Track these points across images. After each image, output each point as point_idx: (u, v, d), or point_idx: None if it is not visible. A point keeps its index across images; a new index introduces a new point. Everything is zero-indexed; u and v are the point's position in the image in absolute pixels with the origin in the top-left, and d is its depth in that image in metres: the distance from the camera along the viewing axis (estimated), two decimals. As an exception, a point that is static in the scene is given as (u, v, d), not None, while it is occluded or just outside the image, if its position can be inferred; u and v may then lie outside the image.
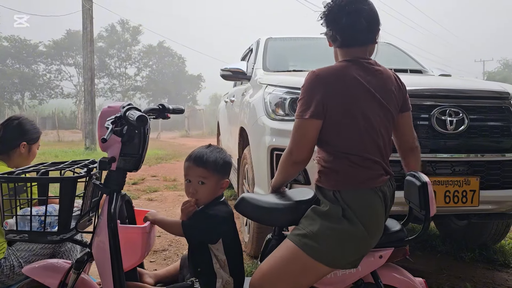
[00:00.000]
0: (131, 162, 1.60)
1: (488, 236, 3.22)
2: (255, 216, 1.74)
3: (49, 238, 1.59)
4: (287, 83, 2.66)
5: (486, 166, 2.36)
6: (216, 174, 1.73)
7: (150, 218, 1.71)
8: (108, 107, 1.64)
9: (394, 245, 1.58)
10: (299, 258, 1.44)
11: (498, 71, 43.38)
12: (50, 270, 1.67)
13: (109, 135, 1.43)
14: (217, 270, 1.66)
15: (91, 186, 1.68)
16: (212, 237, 1.68)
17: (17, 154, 2.23)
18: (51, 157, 11.04)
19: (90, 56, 14.01)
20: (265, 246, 1.73)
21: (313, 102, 1.51)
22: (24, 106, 35.43)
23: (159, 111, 1.70)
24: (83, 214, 1.66)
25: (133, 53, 41.66)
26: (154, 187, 6.24)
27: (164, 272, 1.90)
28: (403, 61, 3.80)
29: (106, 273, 1.56)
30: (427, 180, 1.54)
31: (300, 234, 1.48)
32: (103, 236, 1.57)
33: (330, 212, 1.47)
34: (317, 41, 4.30)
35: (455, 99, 2.37)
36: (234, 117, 4.03)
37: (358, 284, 1.59)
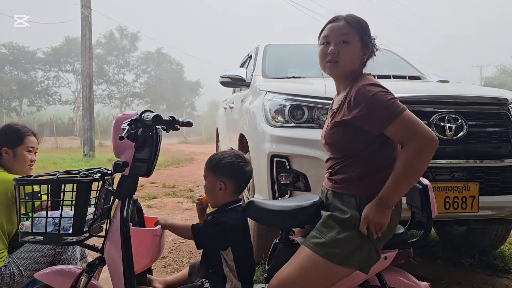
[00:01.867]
0: (144, 168, 1.66)
1: (488, 242, 3.22)
2: (263, 219, 1.79)
3: (64, 240, 1.64)
4: (286, 90, 2.68)
5: (485, 172, 2.37)
6: (211, 173, 1.77)
7: (162, 222, 1.75)
8: (123, 114, 1.70)
9: (398, 247, 1.61)
10: (321, 266, 1.48)
11: (495, 76, 43.56)
12: (62, 275, 1.72)
13: (126, 134, 1.49)
14: (227, 273, 1.69)
15: (103, 191, 1.73)
16: (220, 244, 1.70)
17: (4, 160, 2.20)
18: (49, 164, 11.02)
19: (88, 62, 14.02)
20: (272, 250, 1.75)
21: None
22: (22, 113, 35.42)
23: (169, 123, 1.72)
24: (95, 218, 1.71)
25: (131, 59, 41.81)
26: (153, 194, 6.23)
27: (173, 279, 1.92)
28: (401, 68, 3.82)
29: (118, 276, 1.59)
30: (428, 183, 1.61)
31: (320, 243, 1.50)
32: (115, 240, 1.61)
33: (351, 219, 1.50)
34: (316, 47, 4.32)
35: (454, 105, 2.38)
36: (233, 124, 4.03)
37: (364, 286, 1.62)
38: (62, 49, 36.52)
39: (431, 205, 1.57)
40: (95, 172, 1.73)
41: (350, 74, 1.63)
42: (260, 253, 2.76)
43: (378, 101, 1.46)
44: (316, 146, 2.35)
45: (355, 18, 1.63)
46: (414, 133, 1.42)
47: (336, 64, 1.61)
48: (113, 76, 40.67)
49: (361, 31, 1.61)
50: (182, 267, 3.14)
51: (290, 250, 1.65)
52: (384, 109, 1.45)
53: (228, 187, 1.76)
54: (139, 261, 1.62)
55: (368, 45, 1.62)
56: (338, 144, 1.60)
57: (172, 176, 8.66)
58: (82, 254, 2.25)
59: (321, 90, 2.58)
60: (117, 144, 1.65)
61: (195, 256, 3.36)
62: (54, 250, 2.09)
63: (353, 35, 1.60)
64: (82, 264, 2.23)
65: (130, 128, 1.54)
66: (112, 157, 12.48)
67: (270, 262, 1.73)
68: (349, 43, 1.60)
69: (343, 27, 1.61)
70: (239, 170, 1.77)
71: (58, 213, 1.65)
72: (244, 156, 1.83)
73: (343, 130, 1.56)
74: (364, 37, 1.61)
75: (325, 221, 1.55)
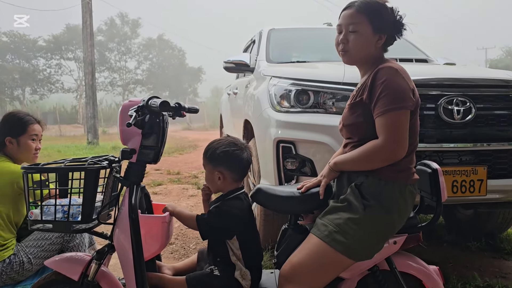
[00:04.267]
0: (151, 154, 1.65)
1: (495, 225, 3.21)
2: (271, 205, 1.78)
3: (73, 227, 1.65)
4: (292, 75, 2.65)
5: (494, 155, 2.35)
6: (208, 163, 1.77)
7: (170, 209, 1.74)
8: (129, 101, 1.69)
9: (408, 232, 1.60)
10: (328, 254, 1.48)
11: (500, 59, 43.07)
12: (72, 262, 1.73)
13: (133, 120, 1.48)
14: (235, 261, 1.69)
15: (111, 179, 1.72)
16: (225, 233, 1.70)
17: (8, 150, 2.20)
18: (54, 152, 11.07)
19: (90, 50, 13.96)
20: (281, 236, 1.75)
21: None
22: (25, 102, 35.44)
23: (175, 109, 1.70)
24: (103, 206, 1.71)
25: (133, 46, 41.56)
26: (158, 181, 6.25)
27: (182, 265, 1.92)
28: (408, 51, 3.77)
29: (127, 263, 1.60)
30: (438, 167, 1.60)
31: (326, 231, 1.50)
32: (124, 227, 1.61)
33: (359, 208, 1.49)
34: (320, 31, 4.27)
35: (462, 88, 2.35)
36: (237, 110, 4.01)
37: (374, 270, 1.61)
38: (63, 37, 36.32)
39: (441, 189, 1.56)
40: (102, 159, 1.72)
41: (368, 60, 1.61)
42: (266, 238, 2.76)
43: (384, 88, 1.47)
44: (322, 131, 2.34)
45: (367, 4, 1.58)
46: (389, 136, 1.45)
47: (346, 53, 1.61)
48: (115, 63, 40.51)
49: (372, 17, 1.57)
50: (189, 253, 3.16)
51: (299, 235, 1.65)
52: (384, 99, 1.46)
53: (227, 176, 1.74)
54: (148, 247, 1.62)
55: (382, 30, 1.58)
56: (355, 126, 1.58)
57: (177, 163, 8.67)
58: (90, 242, 2.26)
59: (326, 75, 2.55)
60: (124, 131, 1.64)
61: (202, 242, 3.37)
62: (62, 238, 2.11)
63: (362, 23, 1.57)
64: (91, 251, 2.24)
65: (137, 114, 1.53)
66: (116, 145, 12.56)
67: (279, 247, 1.73)
68: (358, 32, 1.57)
69: (352, 15, 1.59)
70: (235, 159, 1.74)
71: (66, 201, 1.65)
72: (240, 143, 1.79)
73: (360, 112, 1.55)
74: (376, 23, 1.57)
75: (333, 209, 1.55)
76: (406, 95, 1.46)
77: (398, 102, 1.45)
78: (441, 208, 1.59)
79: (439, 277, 1.66)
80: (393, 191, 1.50)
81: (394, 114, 1.45)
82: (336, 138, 2.29)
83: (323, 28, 4.34)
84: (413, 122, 1.53)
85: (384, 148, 1.45)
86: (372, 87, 1.51)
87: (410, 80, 1.53)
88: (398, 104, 1.45)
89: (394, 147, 1.45)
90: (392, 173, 1.50)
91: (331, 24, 4.44)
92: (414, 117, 1.54)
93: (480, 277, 2.53)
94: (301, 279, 1.51)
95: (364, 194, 1.50)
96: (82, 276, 1.67)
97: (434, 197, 1.60)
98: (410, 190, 1.53)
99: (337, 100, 2.40)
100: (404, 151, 1.47)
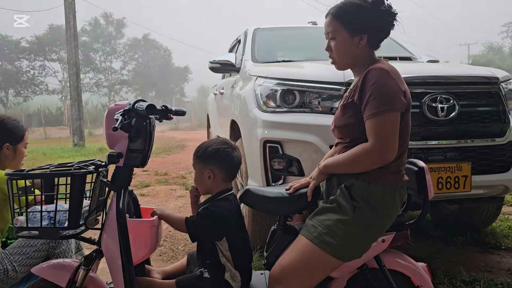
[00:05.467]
0: (138, 158, 1.63)
1: (480, 220, 3.26)
2: (260, 206, 1.76)
3: (60, 233, 1.62)
4: (277, 75, 2.65)
5: (477, 152, 2.39)
6: (199, 162, 1.76)
7: (158, 212, 1.72)
8: (115, 105, 1.66)
9: (396, 230, 1.61)
10: (317, 255, 1.48)
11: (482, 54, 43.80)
12: (59, 268, 1.70)
13: (119, 124, 1.46)
14: (224, 263, 1.68)
15: (98, 183, 1.70)
16: (214, 235, 1.69)
17: (2, 156, 2.16)
18: (39, 155, 10.91)
19: (74, 51, 13.77)
20: (270, 237, 1.75)
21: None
22: (9, 104, 34.86)
23: (162, 112, 1.69)
24: (90, 211, 1.68)
25: (118, 46, 41.17)
26: (145, 182, 6.20)
27: (171, 268, 1.91)
28: (392, 49, 3.80)
29: (116, 268, 1.58)
30: (424, 165, 1.61)
31: (316, 232, 1.50)
32: (112, 231, 1.59)
33: (347, 209, 1.49)
34: (305, 30, 4.28)
35: (446, 85, 2.38)
36: (224, 110, 4.00)
37: (363, 269, 1.62)
38: (46, 38, 35.77)
39: (428, 187, 1.57)
40: (89, 164, 1.70)
41: (357, 62, 1.61)
42: (255, 238, 2.76)
43: (374, 91, 1.46)
44: (308, 131, 2.35)
45: (339, 8, 1.59)
46: (378, 139, 1.44)
47: (334, 61, 1.65)
48: (100, 64, 40.09)
49: (346, 21, 1.57)
50: (178, 255, 3.14)
51: (288, 236, 1.65)
52: (374, 102, 1.45)
53: (217, 175, 1.74)
54: (137, 252, 1.60)
55: (360, 30, 1.57)
56: (346, 127, 1.58)
57: (164, 164, 8.63)
58: (77, 247, 2.23)
59: (312, 74, 2.56)
60: (110, 135, 1.62)
61: (191, 244, 3.36)
62: (48, 244, 2.07)
63: (337, 29, 1.59)
64: (78, 256, 2.21)
65: (123, 118, 1.51)
66: (103, 146, 12.43)
67: (268, 248, 1.72)
68: (336, 38, 1.60)
69: (328, 23, 1.62)
70: (225, 157, 1.74)
71: (52, 207, 1.62)
72: (231, 143, 1.81)
73: (351, 113, 1.55)
74: (351, 25, 1.57)
75: (322, 209, 1.55)
76: (396, 97, 1.45)
77: (387, 104, 1.44)
78: (428, 206, 1.60)
79: (427, 274, 1.67)
80: (382, 193, 1.50)
81: (383, 116, 1.44)
82: (323, 137, 2.30)
83: (308, 27, 4.35)
84: (404, 123, 1.53)
85: (373, 151, 1.45)
86: (362, 89, 1.51)
87: (401, 81, 1.52)
88: (387, 106, 1.44)
89: (383, 150, 1.44)
90: (382, 175, 1.50)
91: (316, 23, 4.45)
92: (406, 119, 1.53)
93: (466, 271, 2.57)
94: (291, 280, 1.51)
95: (354, 195, 1.50)
96: (70, 283, 1.64)
97: (421, 195, 1.61)
98: (399, 191, 1.54)
99: (323, 100, 2.41)
100: (394, 154, 1.46)
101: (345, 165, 1.53)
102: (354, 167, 1.51)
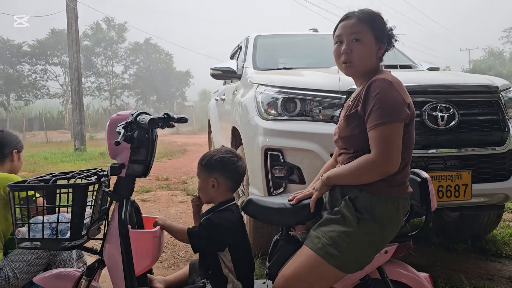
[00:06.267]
0: (140, 168, 1.64)
1: (480, 227, 3.26)
2: (263, 217, 1.77)
3: (62, 244, 1.62)
4: (278, 83, 2.66)
5: (478, 160, 2.40)
6: (204, 171, 1.76)
7: (160, 223, 1.72)
8: (117, 115, 1.67)
9: (398, 241, 1.61)
10: (321, 266, 1.48)
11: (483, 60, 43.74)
12: (61, 278, 1.71)
13: (122, 138, 1.47)
14: (227, 274, 1.68)
15: (100, 194, 1.70)
16: (217, 246, 1.69)
17: (10, 161, 2.26)
18: (40, 160, 10.92)
19: (76, 55, 13.82)
20: (273, 247, 1.75)
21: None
22: (10, 108, 34.89)
23: (164, 120, 1.70)
24: (93, 221, 1.69)
25: (119, 51, 41.22)
26: (146, 187, 6.20)
27: (174, 278, 1.91)
28: (393, 57, 3.81)
29: (118, 279, 1.58)
30: (427, 176, 1.61)
31: (320, 243, 1.49)
32: (114, 242, 1.59)
33: (352, 220, 1.49)
34: (306, 37, 4.31)
35: (446, 94, 2.39)
36: (225, 116, 4.02)
37: (365, 280, 1.62)
38: (48, 42, 35.83)
39: (431, 198, 1.57)
40: (90, 174, 1.70)
41: (368, 70, 1.59)
42: (256, 246, 2.77)
43: (377, 101, 1.46)
44: (309, 139, 2.36)
45: (367, 14, 1.58)
46: (381, 150, 1.44)
47: (350, 64, 1.59)
48: (102, 68, 40.13)
49: (374, 27, 1.56)
50: (179, 262, 3.14)
51: (291, 246, 1.65)
52: (377, 112, 1.45)
53: (221, 184, 1.74)
54: (139, 263, 1.60)
55: (382, 40, 1.58)
56: (351, 138, 1.56)
57: (165, 169, 8.63)
58: (79, 255, 2.24)
59: (313, 82, 2.57)
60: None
61: (192, 251, 3.36)
62: (49, 252, 2.08)
63: (365, 32, 1.56)
64: (79, 264, 2.22)
65: (125, 131, 1.51)
66: (104, 151, 12.42)
67: (271, 258, 1.72)
68: (362, 41, 1.56)
69: (354, 24, 1.57)
70: (231, 166, 1.75)
71: (54, 218, 1.62)
72: (236, 152, 1.81)
73: (356, 124, 1.54)
74: (378, 32, 1.57)
75: (326, 221, 1.54)
76: (399, 108, 1.45)
77: (390, 115, 1.43)
78: (430, 217, 1.60)
79: (429, 284, 1.67)
80: (386, 206, 1.50)
81: (386, 127, 1.43)
82: (323, 145, 2.31)
83: (309, 34, 4.37)
84: (408, 135, 1.52)
85: (376, 163, 1.44)
86: (366, 99, 1.50)
87: (405, 93, 1.51)
88: (391, 117, 1.43)
89: (386, 161, 1.44)
90: (386, 188, 1.50)
91: (317, 30, 4.47)
92: (409, 131, 1.53)
93: (467, 279, 2.57)
94: None
95: (358, 207, 1.50)
96: None
97: (423, 206, 1.61)
98: (403, 203, 1.54)
99: (324, 108, 2.42)
100: (397, 165, 1.46)
101: (348, 176, 1.53)
102: (357, 179, 1.51)
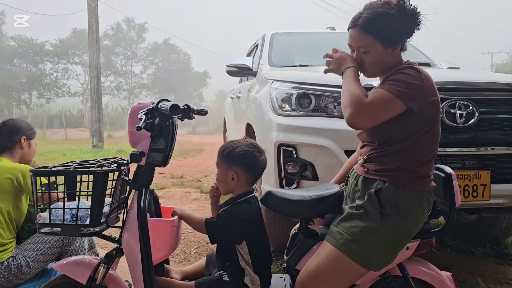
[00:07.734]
0: (160, 157, 1.64)
1: (499, 230, 3.18)
2: (282, 209, 1.73)
3: (81, 231, 1.64)
4: (293, 78, 2.64)
5: (497, 160, 2.32)
6: (224, 162, 1.73)
7: (178, 212, 1.72)
8: (138, 104, 1.68)
9: (421, 237, 1.57)
10: (343, 262, 1.46)
11: (506, 63, 42.81)
12: (80, 265, 1.72)
13: (143, 124, 1.48)
14: (244, 266, 1.66)
15: (120, 181, 1.71)
16: (234, 238, 1.67)
17: (19, 148, 2.26)
18: (59, 156, 11.12)
19: (96, 54, 14.06)
20: (291, 240, 1.73)
21: None
22: (32, 105, 35.70)
23: (184, 111, 1.69)
24: (112, 209, 1.69)
25: (138, 50, 41.83)
26: (161, 184, 6.25)
27: (190, 269, 1.91)
28: (411, 54, 3.75)
29: (136, 267, 1.58)
30: (451, 171, 1.57)
31: (342, 239, 1.47)
32: (133, 230, 1.59)
33: (374, 216, 1.46)
34: (323, 35, 4.27)
35: (465, 92, 2.33)
36: (240, 113, 4.01)
37: (385, 276, 1.58)
38: (70, 41, 36.58)
39: (455, 194, 1.53)
40: (111, 162, 1.71)
41: (389, 68, 1.56)
42: (269, 239, 2.74)
43: (396, 78, 1.46)
44: (323, 135, 2.33)
45: (368, 20, 1.52)
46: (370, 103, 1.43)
47: (365, 71, 1.61)
48: (121, 68, 40.77)
49: (379, 34, 1.51)
50: (190, 257, 3.14)
51: (309, 240, 1.63)
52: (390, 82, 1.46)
53: (241, 177, 1.71)
54: (157, 251, 1.60)
55: (393, 41, 1.53)
56: (375, 130, 1.51)
57: (180, 167, 8.68)
58: (91, 245, 2.26)
59: (328, 78, 2.53)
60: (133, 134, 1.62)
61: (203, 246, 3.36)
62: (62, 241, 2.10)
63: (371, 43, 1.53)
64: (91, 254, 2.24)
65: (146, 118, 1.52)
66: (121, 148, 12.60)
67: (289, 252, 1.70)
68: (370, 52, 1.54)
69: (359, 37, 1.55)
70: (253, 160, 1.72)
71: (75, 204, 1.63)
72: (258, 146, 1.78)
73: None
74: (385, 37, 1.52)
75: (348, 216, 1.51)
76: (415, 93, 1.42)
77: (399, 90, 1.42)
78: (454, 213, 1.56)
79: (452, 284, 1.62)
80: (411, 199, 1.46)
81: (388, 94, 1.42)
82: (337, 141, 2.28)
83: (326, 32, 4.33)
84: (434, 130, 1.50)
85: (360, 106, 1.43)
86: (388, 77, 1.50)
87: (431, 86, 1.48)
88: (398, 91, 1.42)
89: (363, 112, 1.43)
90: (411, 179, 1.47)
91: (334, 28, 4.43)
92: (436, 126, 1.50)
93: (484, 283, 2.50)
94: (319, 286, 1.48)
95: (382, 201, 1.46)
96: (90, 280, 1.66)
97: (447, 202, 1.57)
98: (427, 198, 1.50)
99: (338, 104, 2.39)
100: (363, 125, 1.49)
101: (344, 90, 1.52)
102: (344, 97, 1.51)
